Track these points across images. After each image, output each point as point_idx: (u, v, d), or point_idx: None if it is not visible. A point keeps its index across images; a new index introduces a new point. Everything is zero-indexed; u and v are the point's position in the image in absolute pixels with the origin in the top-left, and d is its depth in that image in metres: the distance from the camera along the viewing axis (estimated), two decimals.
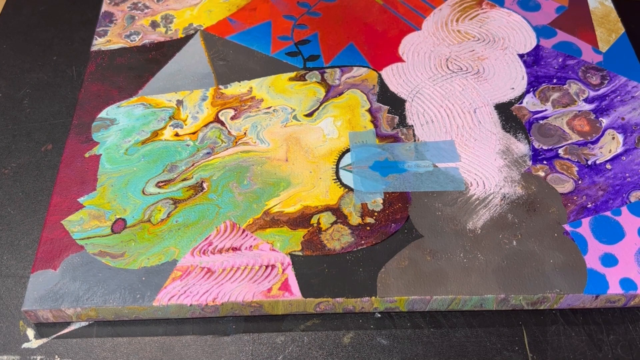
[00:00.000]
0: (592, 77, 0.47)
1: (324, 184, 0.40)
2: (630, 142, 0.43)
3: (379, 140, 0.43)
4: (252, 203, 0.40)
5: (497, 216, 0.39)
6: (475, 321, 0.37)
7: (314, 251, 0.37)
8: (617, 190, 0.40)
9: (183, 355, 0.35)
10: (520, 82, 0.47)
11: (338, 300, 0.36)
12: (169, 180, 0.41)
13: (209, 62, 0.48)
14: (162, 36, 0.50)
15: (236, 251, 0.37)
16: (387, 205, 0.40)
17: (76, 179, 0.41)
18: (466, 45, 0.49)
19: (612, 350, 0.36)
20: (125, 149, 0.42)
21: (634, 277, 0.36)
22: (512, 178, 0.41)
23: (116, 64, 0.48)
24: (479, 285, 0.36)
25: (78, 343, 0.36)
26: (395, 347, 0.36)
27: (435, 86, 0.46)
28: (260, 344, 0.36)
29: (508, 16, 0.52)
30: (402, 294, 0.36)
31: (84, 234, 0.38)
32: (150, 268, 0.37)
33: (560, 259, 0.37)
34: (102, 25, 0.51)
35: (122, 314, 0.36)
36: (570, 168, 0.42)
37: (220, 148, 0.42)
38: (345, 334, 0.36)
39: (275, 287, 0.36)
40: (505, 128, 0.44)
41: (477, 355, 0.35)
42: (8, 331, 0.36)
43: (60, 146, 0.44)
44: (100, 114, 0.44)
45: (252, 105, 0.45)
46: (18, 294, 0.38)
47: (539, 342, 0.36)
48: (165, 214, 0.39)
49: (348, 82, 0.47)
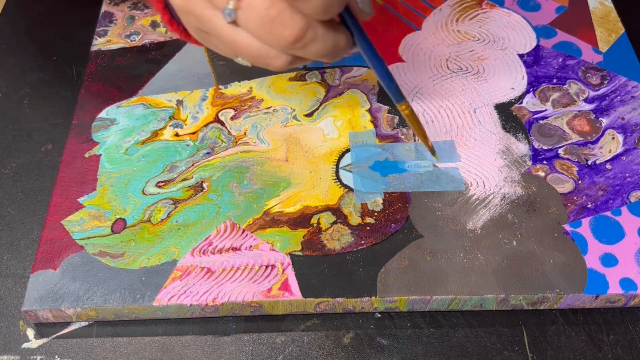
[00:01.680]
0: (592, 77, 0.47)
1: (324, 184, 0.41)
2: (630, 142, 0.43)
3: (379, 140, 0.43)
4: (252, 203, 0.40)
5: (497, 216, 0.39)
6: (475, 321, 0.37)
7: (314, 251, 0.37)
8: (617, 190, 0.40)
9: (183, 355, 0.35)
10: (520, 82, 0.47)
11: (338, 300, 0.36)
12: (169, 180, 0.41)
13: (209, 62, 0.48)
14: (162, 36, 0.50)
15: (236, 251, 0.37)
16: (387, 205, 0.40)
17: (76, 179, 0.41)
18: (466, 45, 0.49)
19: (612, 350, 0.36)
20: (125, 149, 0.42)
21: (634, 277, 0.36)
22: (512, 178, 0.41)
23: (116, 64, 0.48)
24: (479, 285, 0.36)
25: (78, 343, 0.36)
26: (395, 347, 0.36)
27: (435, 86, 0.46)
28: (260, 344, 0.36)
29: (508, 16, 0.52)
30: (402, 294, 0.36)
31: (84, 234, 0.38)
32: (150, 268, 0.37)
33: (560, 259, 0.37)
34: (102, 25, 0.51)
35: (122, 314, 0.36)
36: (570, 168, 0.42)
37: (220, 148, 0.42)
38: (345, 334, 0.36)
39: (275, 287, 0.36)
40: (505, 128, 0.44)
41: (477, 355, 0.35)
42: (8, 331, 0.36)
43: (60, 146, 0.44)
44: (100, 114, 0.44)
45: (252, 105, 0.45)
46: (18, 294, 0.38)
47: (539, 342, 0.36)
48: (165, 214, 0.39)
49: (348, 82, 0.47)
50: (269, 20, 0.30)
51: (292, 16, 0.30)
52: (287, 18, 0.30)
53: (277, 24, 0.30)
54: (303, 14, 0.31)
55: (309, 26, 0.31)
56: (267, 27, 0.31)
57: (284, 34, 0.31)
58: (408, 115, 0.39)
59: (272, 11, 0.30)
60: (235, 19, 0.31)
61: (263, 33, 0.31)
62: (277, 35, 0.31)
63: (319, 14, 0.31)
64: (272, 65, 0.33)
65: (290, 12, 0.30)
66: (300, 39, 0.31)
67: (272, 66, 0.33)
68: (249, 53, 0.33)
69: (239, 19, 0.31)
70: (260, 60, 0.33)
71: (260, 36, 0.32)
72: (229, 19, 0.31)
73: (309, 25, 0.31)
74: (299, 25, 0.31)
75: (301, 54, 0.32)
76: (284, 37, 0.31)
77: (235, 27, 0.32)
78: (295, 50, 0.32)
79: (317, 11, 0.30)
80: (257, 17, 0.30)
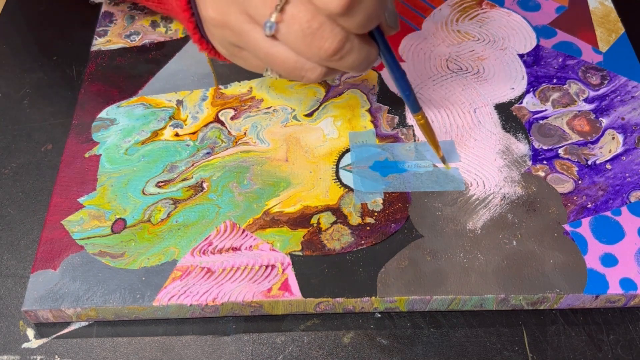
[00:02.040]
0: (592, 77, 0.47)
1: (324, 184, 0.41)
2: (630, 142, 0.43)
3: (379, 140, 0.43)
4: (252, 203, 0.40)
5: (497, 216, 0.39)
6: (475, 321, 0.37)
7: (314, 251, 0.37)
8: (617, 190, 0.40)
9: (183, 355, 0.35)
10: (520, 82, 0.47)
11: (338, 300, 0.36)
12: (169, 180, 0.41)
13: (209, 62, 0.48)
14: (162, 36, 0.50)
15: (236, 251, 0.37)
16: (387, 205, 0.40)
17: (76, 179, 0.41)
18: (466, 45, 0.49)
19: (612, 350, 0.36)
20: (125, 149, 0.42)
21: (634, 277, 0.36)
22: (512, 178, 0.41)
23: (116, 64, 0.48)
24: (479, 285, 0.36)
25: (78, 343, 0.36)
26: (395, 347, 0.36)
27: (435, 86, 0.46)
28: (260, 344, 0.36)
29: (508, 16, 0.52)
30: (402, 294, 0.36)
31: (84, 234, 0.38)
32: (150, 268, 0.37)
33: (560, 259, 0.37)
34: (102, 25, 0.51)
35: (122, 314, 0.36)
36: (570, 168, 0.42)
37: (220, 148, 0.42)
38: (345, 334, 0.36)
39: (275, 287, 0.36)
40: (505, 128, 0.44)
41: (477, 355, 0.35)
42: (8, 331, 0.36)
43: (60, 146, 0.44)
44: (100, 114, 0.44)
45: (252, 105, 0.45)
46: (18, 294, 0.38)
47: (539, 342, 0.36)
48: (165, 214, 0.39)
49: (348, 82, 0.47)
50: (310, 33, 0.31)
51: (332, 29, 0.31)
52: (327, 31, 0.31)
53: (318, 37, 0.31)
54: (342, 27, 0.32)
55: (347, 39, 0.32)
56: (308, 39, 0.32)
57: (324, 46, 0.32)
58: (423, 125, 0.40)
59: (314, 24, 0.31)
60: (275, 33, 0.32)
61: (303, 45, 0.32)
62: (317, 47, 0.32)
63: (359, 29, 0.32)
64: (307, 77, 0.34)
65: (330, 26, 0.31)
66: (338, 51, 0.32)
67: (307, 79, 0.34)
68: (285, 66, 0.34)
69: (280, 32, 0.32)
70: (295, 73, 0.34)
71: (299, 49, 0.32)
72: (269, 32, 0.32)
73: (347, 38, 0.32)
74: (338, 38, 0.32)
75: (337, 65, 0.34)
76: (324, 49, 0.32)
77: (273, 41, 0.33)
78: (332, 62, 0.33)
79: (358, 26, 0.31)
80: (298, 29, 0.31)
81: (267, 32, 0.32)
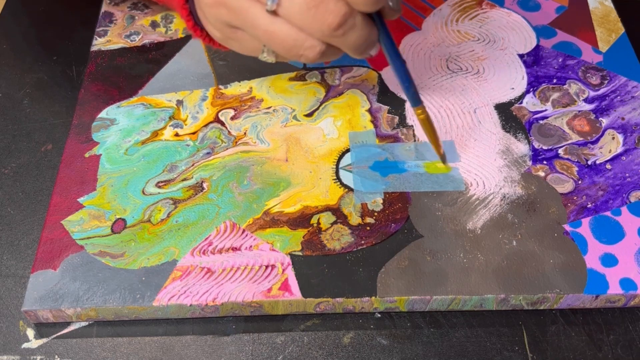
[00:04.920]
0: (592, 77, 0.47)
1: (324, 184, 0.41)
2: (630, 142, 0.43)
3: (379, 140, 0.43)
4: (252, 203, 0.40)
5: (497, 216, 0.39)
6: (475, 321, 0.37)
7: (313, 251, 0.37)
8: (617, 190, 0.40)
9: (183, 355, 0.35)
10: (520, 82, 0.47)
11: (338, 300, 0.36)
12: (169, 180, 0.41)
13: (209, 62, 0.48)
14: (162, 36, 0.50)
15: (236, 251, 0.37)
16: (387, 205, 0.40)
17: (76, 179, 0.41)
18: (466, 45, 0.49)
19: (612, 350, 0.36)
20: (125, 149, 0.42)
21: (634, 277, 0.36)
22: (512, 178, 0.41)
23: (116, 64, 0.48)
24: (479, 285, 0.36)
25: (78, 343, 0.36)
26: (395, 347, 0.36)
27: (435, 86, 0.46)
28: (260, 344, 0.36)
29: (508, 16, 0.52)
30: (402, 294, 0.36)
31: (84, 234, 0.38)
32: (150, 268, 0.37)
33: (560, 259, 0.37)
34: (102, 25, 0.51)
35: (122, 314, 0.36)
36: (570, 168, 0.42)
37: (220, 148, 0.42)
38: (345, 334, 0.36)
39: (275, 287, 0.36)
40: (505, 128, 0.44)
41: (477, 355, 0.35)
42: (8, 331, 0.36)
43: (60, 146, 0.44)
44: (100, 114, 0.44)
45: (252, 105, 0.45)
46: (18, 294, 0.38)
47: (539, 342, 0.36)
48: (165, 214, 0.39)
49: (348, 82, 0.47)
50: (314, 5, 0.31)
51: (336, 2, 0.31)
52: (332, 4, 0.31)
53: (322, 9, 0.31)
54: (346, 1, 0.32)
55: (350, 14, 0.32)
56: (312, 12, 0.31)
57: (327, 19, 0.32)
58: (423, 119, 0.39)
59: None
60: (277, 7, 0.32)
61: (306, 19, 0.32)
62: (319, 21, 0.32)
63: (364, 4, 0.32)
64: (305, 56, 0.34)
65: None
66: (341, 25, 0.32)
67: (305, 57, 0.34)
68: (284, 44, 0.33)
69: (282, 6, 0.32)
70: (294, 52, 0.34)
71: (302, 23, 0.32)
72: (271, 5, 0.32)
73: (351, 13, 0.32)
74: (342, 12, 0.32)
75: (338, 42, 0.33)
76: (327, 22, 0.32)
77: (273, 17, 0.33)
78: (334, 37, 0.33)
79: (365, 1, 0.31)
80: (302, 2, 0.31)
81: (269, 6, 0.32)
